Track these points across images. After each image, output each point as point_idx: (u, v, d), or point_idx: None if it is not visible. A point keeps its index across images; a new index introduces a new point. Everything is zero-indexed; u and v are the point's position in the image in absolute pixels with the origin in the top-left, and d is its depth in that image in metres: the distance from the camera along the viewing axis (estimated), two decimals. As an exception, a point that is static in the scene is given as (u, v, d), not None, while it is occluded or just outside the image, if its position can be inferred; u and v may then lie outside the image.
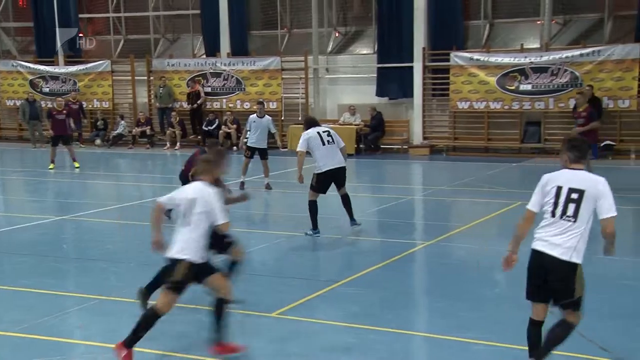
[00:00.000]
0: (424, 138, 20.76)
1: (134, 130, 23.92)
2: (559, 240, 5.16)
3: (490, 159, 18.81)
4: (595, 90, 18.41)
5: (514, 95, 19.35)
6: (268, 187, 14.29)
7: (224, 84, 23.28)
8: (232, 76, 23.11)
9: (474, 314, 6.92)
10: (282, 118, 22.64)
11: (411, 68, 20.93)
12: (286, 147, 21.73)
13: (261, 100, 17.41)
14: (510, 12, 21.10)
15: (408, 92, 21.18)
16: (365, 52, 22.63)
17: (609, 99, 18.57)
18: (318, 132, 10.19)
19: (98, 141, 24.23)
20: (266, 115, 14.58)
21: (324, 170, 10.07)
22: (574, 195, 5.13)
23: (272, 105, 22.68)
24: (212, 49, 23.82)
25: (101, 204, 13.42)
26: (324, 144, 10.11)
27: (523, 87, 19.42)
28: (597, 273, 8.34)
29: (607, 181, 5.21)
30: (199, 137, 23.12)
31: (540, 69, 19.25)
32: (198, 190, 5.86)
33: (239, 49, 23.46)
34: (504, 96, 19.72)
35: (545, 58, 19.24)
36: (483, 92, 20.00)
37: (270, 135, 14.78)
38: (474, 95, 20.13)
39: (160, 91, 23.55)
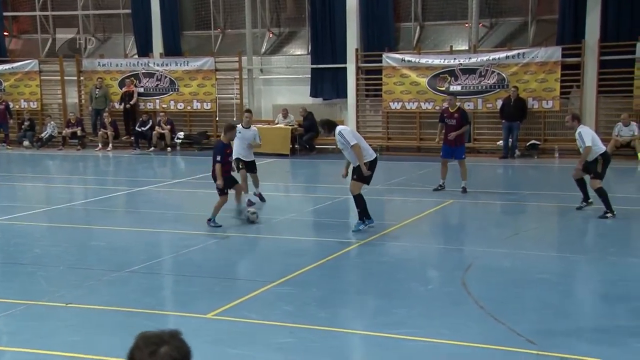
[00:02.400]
0: (358, 138, 20.96)
1: (64, 131, 23.35)
2: None
3: (423, 159, 19.17)
4: (521, 92, 19.03)
5: (445, 96, 19.75)
6: (261, 197, 12.86)
7: (157, 84, 22.98)
8: (166, 76, 22.84)
9: (408, 310, 7.07)
10: (217, 119, 22.51)
11: (344, 69, 21.14)
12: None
13: (249, 108, 16.30)
14: (439, 15, 21.55)
15: (342, 93, 21.39)
16: (299, 53, 22.72)
17: (534, 99, 19.21)
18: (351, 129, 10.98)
19: (26, 142, 23.54)
20: (252, 126, 13.11)
21: (373, 159, 10.39)
22: None
23: (207, 106, 22.55)
24: (145, 49, 23.48)
25: (30, 207, 13.07)
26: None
27: (453, 88, 19.86)
28: (520, 268, 8.68)
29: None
30: (132, 138, 22.77)
31: (469, 71, 19.75)
32: None
33: (172, 49, 23.20)
34: (434, 97, 20.13)
35: (473, 60, 19.75)
36: (415, 92, 20.37)
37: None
38: (406, 95, 20.49)
39: (97, 93, 23.07)
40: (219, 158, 10.76)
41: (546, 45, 19.28)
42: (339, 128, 10.49)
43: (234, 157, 11.88)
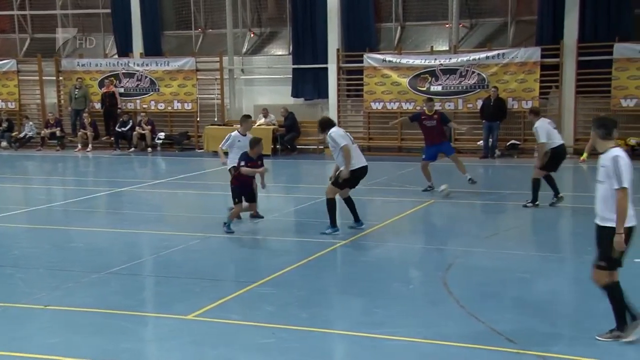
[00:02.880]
0: (340, 138, 20.98)
1: (42, 132, 23.15)
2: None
3: (404, 159, 19.24)
4: (501, 92, 19.17)
5: (425, 96, 19.83)
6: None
7: (138, 84, 22.86)
8: (146, 77, 22.72)
9: (389, 310, 7.09)
10: (198, 119, 22.45)
11: (326, 69, 21.15)
12: (202, 149, 21.57)
13: (248, 114, 14.47)
14: (420, 15, 21.64)
15: (323, 93, 21.40)
16: (280, 53, 22.70)
17: (514, 100, 19.36)
18: (345, 132, 10.66)
19: (4, 143, 23.30)
20: (248, 134, 11.90)
21: (360, 166, 10.36)
22: None
23: (187, 107, 22.47)
24: (125, 49, 23.34)
25: (8, 208, 12.93)
26: (352, 143, 10.46)
27: (434, 88, 19.97)
28: (500, 268, 8.74)
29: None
30: (112, 138, 22.62)
31: (449, 71, 19.85)
32: None
33: (153, 49, 23.08)
34: (415, 97, 20.21)
35: (454, 60, 19.86)
36: (396, 93, 20.44)
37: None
38: (387, 96, 20.55)
39: (76, 93, 22.88)
40: (242, 163, 10.48)
41: (525, 46, 19.45)
42: (331, 130, 10.41)
43: (230, 165, 11.33)
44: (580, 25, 18.92)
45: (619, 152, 5.97)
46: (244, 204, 10.81)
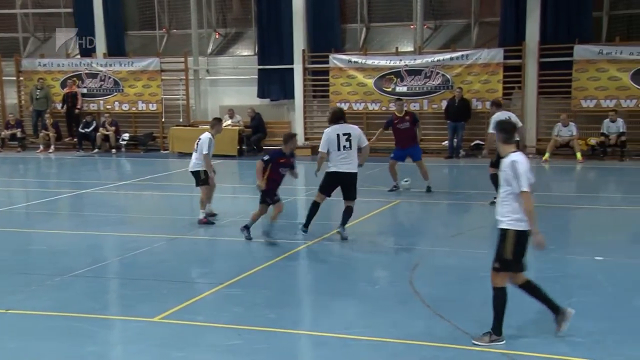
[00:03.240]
0: (306, 139, 21.02)
1: (2, 133, 22.72)
2: None
3: (370, 159, 19.21)
4: (465, 93, 19.37)
5: (391, 97, 19.96)
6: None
7: (101, 85, 22.57)
8: (110, 77, 22.45)
9: (356, 310, 7.11)
10: (163, 120, 22.25)
11: (292, 70, 21.14)
12: (167, 150, 21.39)
13: (219, 117, 14.03)
14: (385, 16, 21.76)
15: (289, 94, 21.39)
16: (245, 53, 22.63)
17: (478, 100, 19.58)
18: (337, 135, 9.83)
19: (-37, 145, 22.83)
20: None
21: (331, 171, 9.94)
22: None
23: (152, 107, 22.27)
24: (87, 49, 23.01)
25: (-33, 212, 12.67)
26: (339, 149, 9.82)
27: (399, 89, 20.10)
28: (465, 267, 8.83)
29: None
30: (75, 139, 22.31)
31: (414, 72, 20.00)
32: None
33: (116, 49, 22.81)
34: (381, 97, 20.33)
35: (418, 61, 20.01)
36: (362, 93, 20.53)
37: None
38: (353, 96, 20.62)
39: (38, 93, 22.50)
40: (266, 158, 9.89)
41: (489, 47, 19.68)
42: (326, 130, 10.07)
43: (201, 168, 11.09)
44: (541, 27, 19.23)
45: (516, 157, 6.09)
46: (265, 206, 10.12)
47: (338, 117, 10.19)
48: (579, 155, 18.13)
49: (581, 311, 6.72)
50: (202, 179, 11.19)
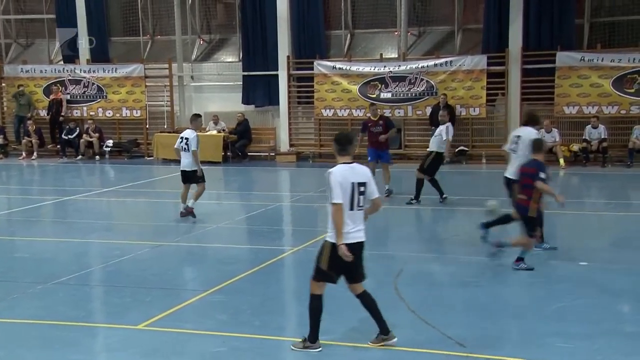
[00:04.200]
0: (290, 145, 21.03)
1: (-16, 139, 22.53)
2: None
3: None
4: (449, 99, 19.46)
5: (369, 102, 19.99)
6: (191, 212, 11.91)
7: (84, 91, 22.46)
8: (93, 83, 22.34)
9: (340, 317, 7.11)
10: (147, 126, 22.17)
11: (276, 76, 21.14)
12: (152, 156, 21.31)
13: (198, 113, 13.73)
14: (369, 23, 21.82)
15: (274, 100, 21.39)
16: (230, 60, 22.61)
17: (462, 107, 19.68)
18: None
19: (-56, 152, 22.60)
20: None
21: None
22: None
23: (136, 114, 22.18)
24: (70, 55, 22.89)
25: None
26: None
27: (383, 95, 20.17)
28: (449, 272, 8.88)
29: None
30: (58, 146, 22.16)
31: (398, 78, 20.08)
32: None
33: (100, 56, 22.72)
34: (366, 104, 20.27)
35: (403, 67, 20.09)
36: (346, 100, 20.57)
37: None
38: (337, 103, 20.66)
39: (20, 99, 22.34)
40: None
41: (472, 54, 19.80)
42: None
43: (193, 168, 11.46)
44: (524, 34, 19.38)
45: (335, 169, 6.14)
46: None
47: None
48: (561, 161, 18.27)
49: (566, 316, 6.78)
50: (199, 175, 11.51)
